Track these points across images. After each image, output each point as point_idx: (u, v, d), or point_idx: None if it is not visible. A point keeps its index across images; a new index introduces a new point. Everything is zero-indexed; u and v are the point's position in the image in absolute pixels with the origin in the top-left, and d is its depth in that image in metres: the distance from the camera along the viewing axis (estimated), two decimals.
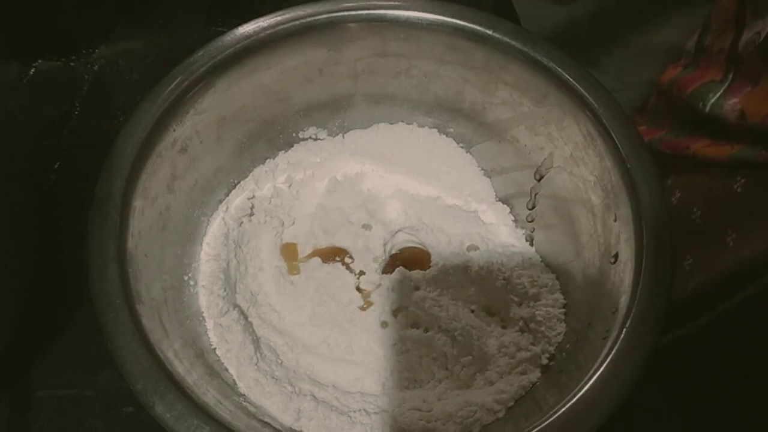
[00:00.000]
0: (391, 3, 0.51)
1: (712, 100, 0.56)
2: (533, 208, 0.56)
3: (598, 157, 0.46)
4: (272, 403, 0.45)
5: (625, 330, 0.38)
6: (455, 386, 0.47)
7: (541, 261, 0.54)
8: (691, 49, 0.66)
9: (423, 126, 0.61)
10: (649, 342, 0.38)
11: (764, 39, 0.50)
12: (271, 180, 0.58)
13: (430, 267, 0.54)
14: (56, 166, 0.60)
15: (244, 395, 0.46)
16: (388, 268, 0.54)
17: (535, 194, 0.55)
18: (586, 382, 0.37)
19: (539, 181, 0.54)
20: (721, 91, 0.55)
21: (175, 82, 0.47)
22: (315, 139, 0.60)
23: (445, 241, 0.55)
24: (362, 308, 0.52)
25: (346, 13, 0.51)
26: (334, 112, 0.59)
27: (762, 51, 0.50)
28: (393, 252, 0.55)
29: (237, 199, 0.56)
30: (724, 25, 0.58)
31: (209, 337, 0.49)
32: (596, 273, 0.47)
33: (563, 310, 0.50)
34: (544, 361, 0.47)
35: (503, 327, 0.51)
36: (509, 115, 0.54)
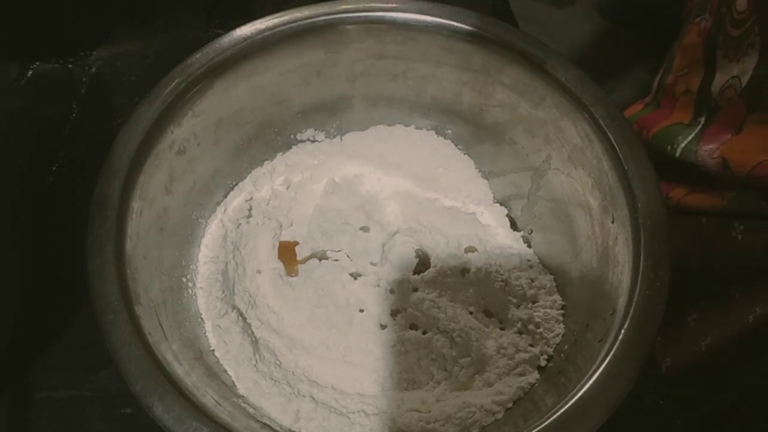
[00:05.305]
0: (389, 5, 0.51)
1: (682, 145, 0.53)
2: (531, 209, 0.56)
3: (596, 159, 0.46)
4: (271, 405, 0.45)
5: (623, 332, 0.38)
6: (454, 387, 0.48)
7: (539, 262, 0.54)
8: (654, 87, 0.64)
9: (421, 128, 0.61)
10: (646, 344, 0.38)
11: (747, 85, 0.48)
12: (269, 182, 0.58)
13: (428, 269, 0.54)
14: (54, 167, 0.60)
15: (243, 396, 0.46)
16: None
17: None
18: (585, 384, 0.37)
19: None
20: (692, 135, 0.53)
21: (173, 84, 0.47)
22: (313, 141, 0.60)
23: (444, 242, 0.55)
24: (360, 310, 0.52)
25: (343, 15, 0.51)
26: (331, 114, 0.59)
27: (745, 97, 0.48)
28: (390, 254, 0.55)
29: (235, 200, 0.56)
30: (691, 65, 0.56)
31: (208, 339, 0.49)
32: (594, 275, 0.47)
33: (561, 311, 0.50)
34: (543, 363, 0.47)
35: (502, 328, 0.51)
36: (507, 117, 0.55)
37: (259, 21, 0.50)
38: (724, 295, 0.51)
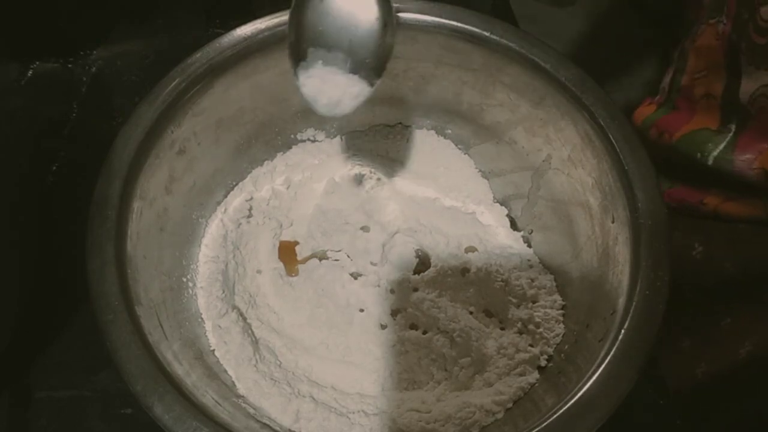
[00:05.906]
0: None
1: (714, 153, 0.52)
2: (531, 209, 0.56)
3: (596, 159, 0.46)
4: (271, 405, 0.45)
5: (623, 332, 0.38)
6: (454, 387, 0.48)
7: (540, 262, 0.54)
8: (665, 87, 0.63)
9: (421, 128, 0.61)
10: (646, 344, 0.38)
11: None
12: (269, 182, 0.58)
13: (428, 268, 0.54)
14: (54, 167, 0.60)
15: (243, 396, 0.46)
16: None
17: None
18: (585, 384, 0.37)
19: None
20: (725, 143, 0.52)
21: (173, 83, 0.47)
22: (313, 141, 0.60)
23: (444, 242, 0.55)
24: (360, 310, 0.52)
25: None
26: None
27: None
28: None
29: (235, 200, 0.56)
30: (709, 68, 0.55)
31: (208, 339, 0.49)
32: (594, 275, 0.47)
33: (561, 311, 0.50)
34: (543, 363, 0.47)
35: (502, 328, 0.51)
36: (507, 116, 0.54)
37: (259, 21, 0.50)
38: (762, 302, 0.50)
